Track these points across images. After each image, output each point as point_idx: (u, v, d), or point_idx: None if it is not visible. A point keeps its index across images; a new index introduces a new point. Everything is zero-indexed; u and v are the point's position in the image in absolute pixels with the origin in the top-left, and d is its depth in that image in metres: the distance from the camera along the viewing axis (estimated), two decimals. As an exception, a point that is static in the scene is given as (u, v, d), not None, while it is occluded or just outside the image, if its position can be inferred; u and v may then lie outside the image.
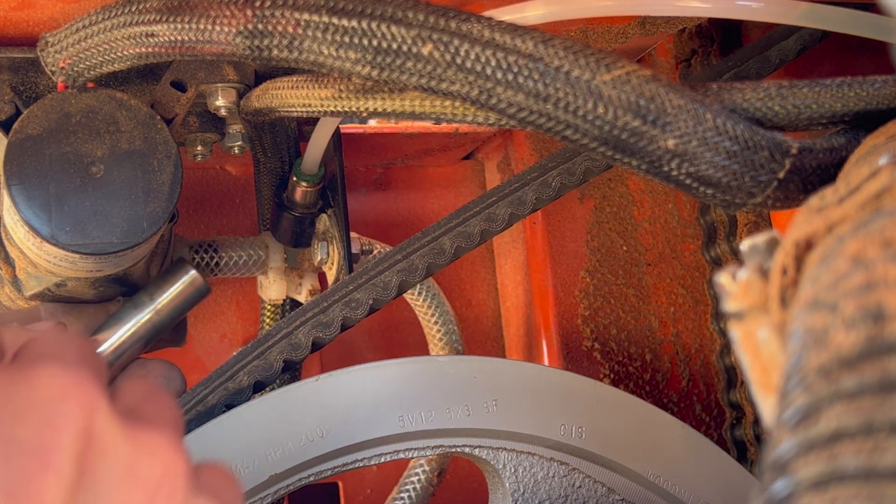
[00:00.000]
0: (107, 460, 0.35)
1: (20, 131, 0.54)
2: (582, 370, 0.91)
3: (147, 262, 0.64)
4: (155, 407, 0.40)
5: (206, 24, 0.46)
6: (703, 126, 0.42)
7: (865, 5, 0.52)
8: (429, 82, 0.44)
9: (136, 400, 0.40)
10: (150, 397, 0.41)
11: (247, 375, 0.58)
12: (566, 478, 0.62)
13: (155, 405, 0.41)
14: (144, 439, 0.36)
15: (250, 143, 0.72)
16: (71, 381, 0.35)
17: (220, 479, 0.41)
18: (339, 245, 0.73)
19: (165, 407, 0.41)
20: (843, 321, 0.27)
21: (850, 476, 0.23)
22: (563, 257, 0.94)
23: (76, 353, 0.38)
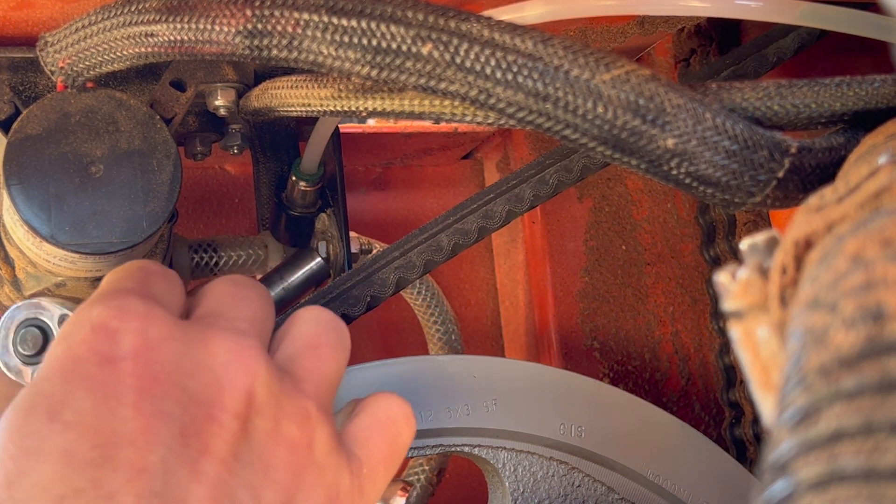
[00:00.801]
0: (261, 418, 0.40)
1: (19, 131, 0.54)
2: (581, 369, 0.91)
3: (146, 262, 0.64)
4: (311, 361, 0.45)
5: (206, 24, 0.46)
6: (702, 125, 0.42)
7: (865, 5, 0.52)
8: (428, 82, 0.44)
9: (297, 350, 0.46)
10: (309, 351, 0.46)
11: (246, 375, 0.58)
12: (566, 477, 0.62)
13: (311, 359, 0.45)
14: (292, 406, 0.42)
15: (250, 142, 0.72)
16: (238, 346, 0.41)
17: (375, 432, 0.46)
18: (339, 244, 0.73)
19: (322, 361, 0.46)
20: (843, 321, 0.27)
21: (849, 476, 0.23)
22: (562, 257, 0.94)
23: (247, 319, 0.44)
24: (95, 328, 0.40)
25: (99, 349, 0.39)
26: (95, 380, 0.38)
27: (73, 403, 0.38)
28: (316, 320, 0.47)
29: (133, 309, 0.41)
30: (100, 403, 0.38)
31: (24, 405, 0.38)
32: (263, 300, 0.47)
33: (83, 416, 0.37)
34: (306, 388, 0.44)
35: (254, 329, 0.44)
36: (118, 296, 0.41)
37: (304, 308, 0.49)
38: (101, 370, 0.39)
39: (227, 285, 0.47)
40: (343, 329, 0.48)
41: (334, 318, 0.48)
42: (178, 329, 0.41)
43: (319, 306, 0.49)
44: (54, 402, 0.38)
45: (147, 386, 0.39)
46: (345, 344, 0.48)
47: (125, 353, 0.39)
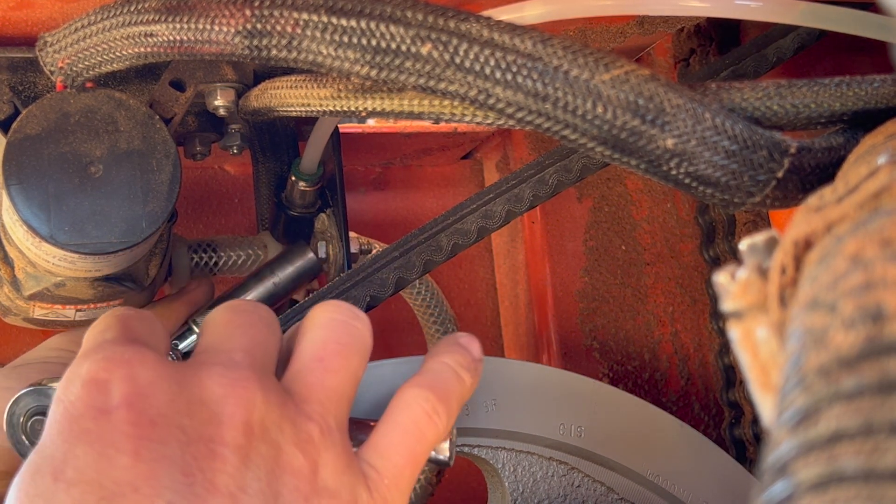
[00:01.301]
0: (265, 446, 0.40)
1: (19, 131, 0.54)
2: (581, 369, 0.91)
3: (146, 262, 0.64)
4: (316, 376, 0.44)
5: (205, 24, 0.46)
6: (701, 125, 0.42)
7: (865, 5, 0.52)
8: (427, 82, 0.44)
9: (302, 364, 0.45)
10: (314, 364, 0.45)
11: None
12: (565, 477, 0.62)
13: (316, 373, 0.44)
14: (293, 431, 0.42)
15: (249, 142, 0.72)
16: (231, 379, 0.41)
17: (395, 438, 0.45)
18: (338, 244, 0.73)
19: (328, 373, 0.45)
20: (843, 321, 0.27)
21: (849, 477, 0.23)
22: (562, 257, 0.94)
23: (242, 349, 0.44)
24: (86, 383, 0.40)
25: (92, 403, 0.39)
26: (93, 434, 0.39)
27: (74, 461, 0.38)
28: (325, 324, 0.46)
29: (119, 357, 0.41)
30: (100, 457, 0.38)
31: (30, 469, 0.39)
32: (263, 323, 0.46)
33: (85, 472, 0.38)
34: (310, 409, 0.43)
35: (249, 358, 0.43)
36: (102, 347, 0.41)
37: (315, 309, 0.47)
38: (96, 423, 0.39)
39: (224, 314, 0.46)
40: (356, 327, 0.46)
41: (345, 318, 0.46)
42: (168, 369, 0.41)
43: (331, 303, 0.47)
44: (56, 462, 0.38)
45: (143, 432, 0.39)
46: (359, 344, 0.46)
47: (118, 402, 0.39)
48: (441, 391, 0.47)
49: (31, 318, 0.65)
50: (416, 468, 0.46)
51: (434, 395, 0.46)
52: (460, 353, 0.50)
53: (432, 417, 0.46)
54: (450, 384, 0.48)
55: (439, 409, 0.46)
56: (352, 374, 0.45)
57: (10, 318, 0.66)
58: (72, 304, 0.63)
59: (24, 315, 0.64)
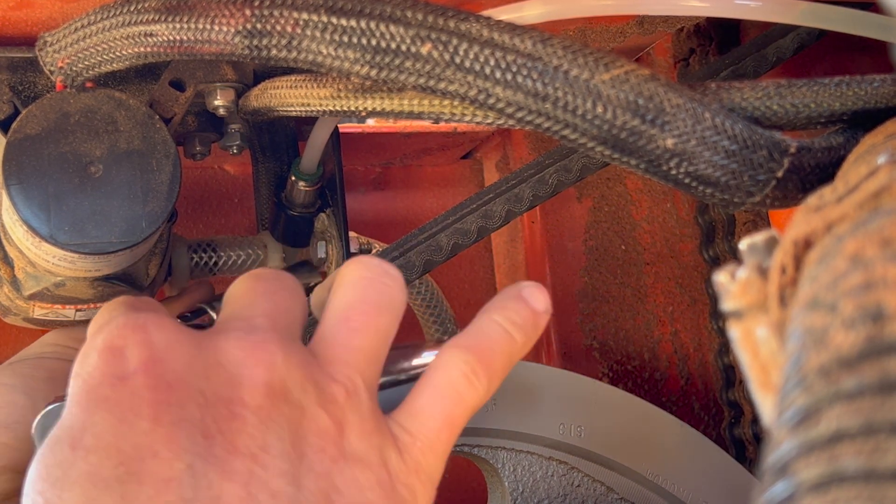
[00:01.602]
0: (287, 406, 0.40)
1: (19, 131, 0.54)
2: (581, 369, 0.91)
3: (146, 262, 0.64)
4: (342, 336, 0.43)
5: (205, 24, 0.46)
6: (701, 125, 0.42)
7: (865, 5, 0.52)
8: (427, 82, 0.44)
9: (329, 326, 0.44)
10: (340, 325, 0.44)
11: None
12: (565, 477, 0.62)
13: (342, 333, 0.43)
14: (316, 392, 0.41)
15: (249, 142, 0.72)
16: (250, 342, 0.41)
17: (430, 401, 0.44)
18: (338, 244, 0.73)
19: (354, 333, 0.43)
20: (843, 321, 0.27)
21: (850, 477, 0.23)
22: (562, 257, 0.94)
23: (264, 314, 0.43)
24: (102, 352, 0.40)
25: (109, 370, 0.39)
26: (111, 401, 0.38)
27: (92, 428, 0.38)
28: (353, 283, 0.44)
29: (133, 323, 0.40)
30: (118, 422, 0.38)
31: (49, 442, 0.38)
32: (286, 290, 0.45)
33: (103, 438, 0.37)
34: (334, 370, 0.42)
35: (270, 322, 0.42)
36: (115, 319, 0.41)
37: (343, 267, 0.45)
38: (114, 390, 0.38)
39: (246, 282, 0.46)
40: (386, 283, 0.45)
41: (373, 276, 0.44)
42: (185, 333, 0.41)
43: (360, 259, 0.45)
44: (75, 431, 0.38)
45: (162, 396, 0.38)
46: (388, 301, 0.44)
47: (135, 367, 0.39)
48: (484, 352, 0.45)
49: (31, 318, 0.65)
50: (453, 433, 0.44)
51: (474, 357, 0.44)
52: (514, 309, 0.47)
53: (471, 380, 0.44)
54: (496, 344, 0.45)
55: (479, 371, 0.44)
56: (381, 334, 0.44)
57: (10, 318, 0.66)
58: (72, 304, 0.63)
59: (23, 315, 0.64)
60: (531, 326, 0.47)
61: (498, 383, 0.45)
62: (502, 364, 0.45)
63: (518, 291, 0.48)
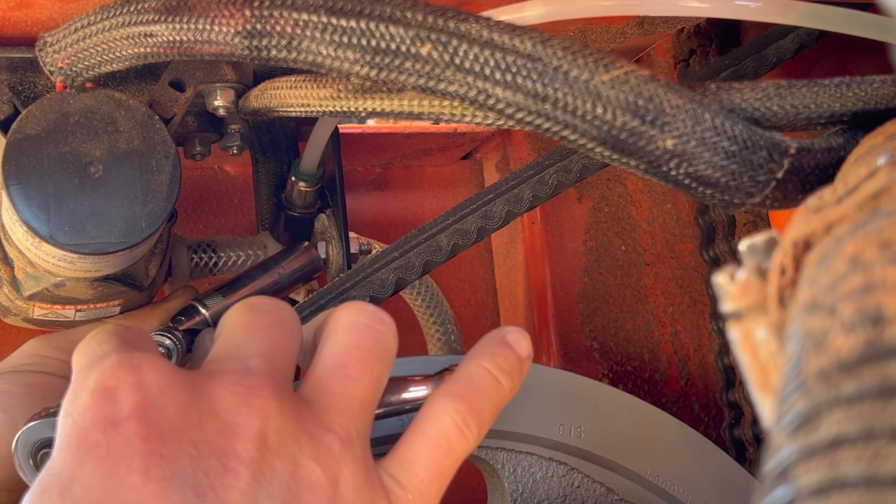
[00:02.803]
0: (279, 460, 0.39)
1: (18, 131, 0.54)
2: (580, 370, 0.91)
3: (146, 262, 0.64)
4: (337, 384, 0.42)
5: (205, 25, 0.46)
6: (701, 126, 0.42)
7: (864, 5, 0.52)
8: (427, 82, 0.44)
9: (324, 371, 0.43)
10: (336, 370, 0.43)
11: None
12: (565, 478, 0.62)
13: (338, 380, 0.43)
14: (311, 444, 0.40)
15: (249, 143, 0.72)
16: (245, 388, 0.39)
17: (422, 450, 0.43)
18: (338, 245, 0.73)
19: (351, 380, 0.43)
20: (842, 324, 0.27)
21: (851, 483, 0.23)
22: (562, 257, 0.94)
23: (260, 354, 0.42)
24: (94, 392, 0.39)
25: (100, 414, 0.38)
26: (101, 448, 0.37)
27: (82, 478, 0.37)
28: (349, 330, 0.44)
29: (126, 363, 0.39)
30: (109, 474, 0.37)
31: (38, 488, 0.37)
32: (284, 326, 0.44)
33: (93, 490, 0.36)
34: (330, 420, 0.41)
35: (266, 363, 0.41)
36: (107, 356, 0.40)
37: (338, 311, 0.45)
38: (105, 436, 0.38)
39: (242, 314, 0.44)
40: (380, 331, 0.44)
41: (369, 323, 0.44)
42: (179, 377, 0.40)
43: (355, 305, 0.45)
44: (64, 479, 0.37)
45: (154, 447, 0.37)
46: (383, 350, 0.44)
47: (128, 413, 0.38)
48: (474, 400, 0.45)
49: (30, 319, 0.65)
50: (443, 482, 0.44)
51: (465, 406, 0.44)
52: (502, 354, 0.47)
53: (462, 430, 0.44)
54: (484, 392, 0.46)
55: (470, 420, 0.44)
56: (375, 382, 0.43)
57: (10, 319, 0.66)
58: (72, 305, 0.63)
59: (23, 315, 0.64)
60: (517, 372, 0.47)
61: (486, 430, 0.45)
62: (491, 411, 0.46)
63: (503, 336, 0.48)
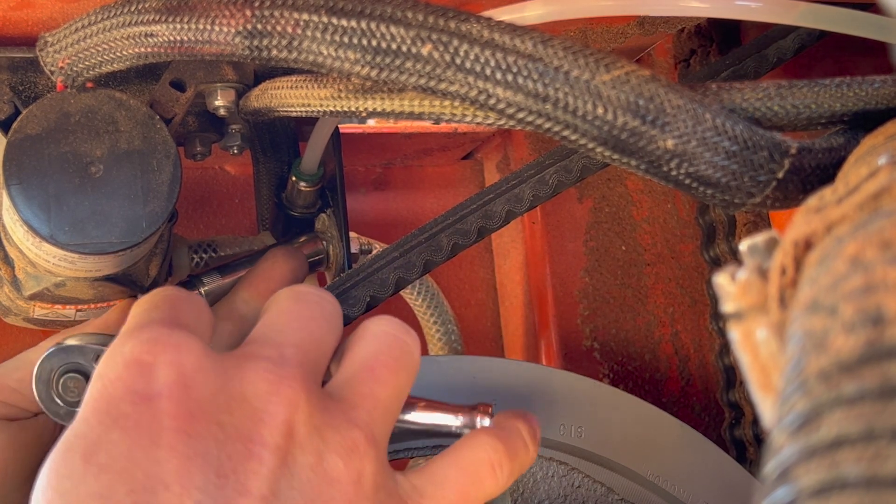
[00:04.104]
0: (302, 451, 0.39)
1: (19, 131, 0.54)
2: (581, 370, 0.91)
3: (147, 262, 0.64)
4: (366, 385, 0.43)
5: (206, 25, 0.46)
6: (702, 126, 0.42)
7: (865, 5, 0.52)
8: (428, 82, 0.44)
9: (353, 372, 0.44)
10: (364, 373, 0.44)
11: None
12: (565, 477, 0.62)
13: (366, 382, 0.43)
14: (337, 438, 0.40)
15: (249, 143, 0.72)
16: (277, 376, 0.40)
17: (452, 472, 0.45)
18: (338, 244, 0.73)
19: (378, 383, 0.43)
20: (843, 324, 0.27)
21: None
22: (562, 257, 0.94)
23: (295, 344, 0.42)
24: (129, 364, 0.39)
25: (133, 386, 0.38)
26: (131, 419, 0.38)
27: (108, 445, 0.37)
28: (378, 336, 0.45)
29: (165, 340, 0.40)
30: (135, 445, 0.37)
31: (62, 447, 0.38)
32: (324, 318, 0.45)
33: (118, 459, 0.37)
34: (357, 417, 0.42)
35: (300, 355, 0.42)
36: (149, 328, 0.40)
37: (369, 321, 0.46)
38: (136, 409, 0.38)
39: (287, 301, 0.45)
40: (408, 344, 0.45)
41: (398, 334, 0.45)
42: (214, 360, 0.40)
43: (384, 317, 0.46)
44: (89, 443, 0.37)
45: (183, 425, 0.38)
46: (408, 361, 0.45)
47: (161, 390, 0.38)
48: (511, 449, 0.47)
49: (31, 319, 0.65)
50: None
51: (504, 449, 0.46)
52: (531, 427, 0.50)
53: (495, 469, 0.46)
54: (519, 447, 0.48)
55: (504, 463, 0.46)
56: (399, 390, 0.44)
57: (11, 319, 0.66)
58: (72, 305, 0.63)
59: (24, 315, 0.64)
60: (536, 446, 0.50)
61: (511, 482, 0.48)
62: (519, 467, 0.48)
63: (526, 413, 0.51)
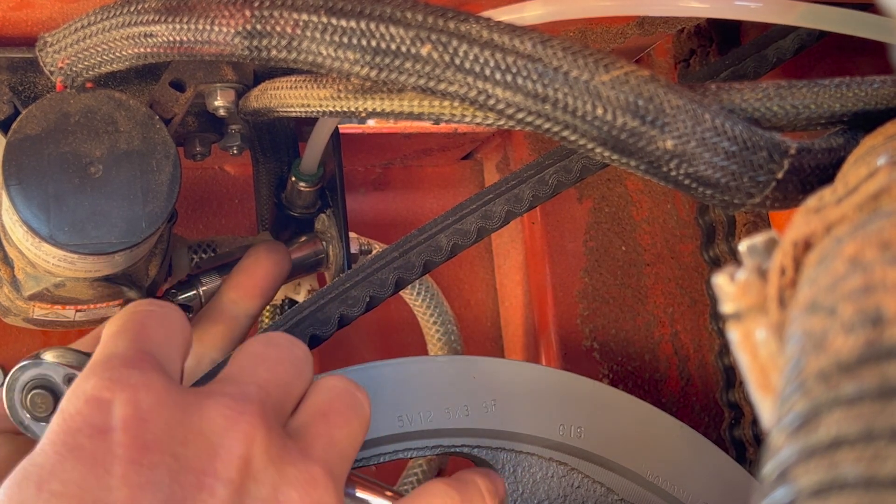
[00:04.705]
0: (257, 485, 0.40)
1: (19, 131, 0.54)
2: (581, 370, 0.91)
3: (146, 262, 0.64)
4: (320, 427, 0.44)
5: (205, 25, 0.46)
6: (701, 126, 0.42)
7: (864, 5, 0.52)
8: (427, 83, 0.44)
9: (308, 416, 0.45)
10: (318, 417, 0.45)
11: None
12: (565, 478, 0.62)
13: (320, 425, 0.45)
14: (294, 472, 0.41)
15: (249, 143, 0.72)
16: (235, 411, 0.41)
17: None
18: (338, 245, 0.73)
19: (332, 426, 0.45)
20: (842, 325, 0.27)
21: (850, 484, 0.23)
22: (562, 257, 0.94)
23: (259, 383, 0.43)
24: (89, 400, 0.40)
25: (90, 420, 0.39)
26: (85, 450, 0.39)
27: (62, 474, 0.38)
28: (330, 389, 0.47)
29: (125, 379, 0.40)
30: (87, 474, 0.38)
31: (18, 476, 0.39)
32: (291, 362, 0.46)
33: (70, 486, 0.38)
34: (314, 453, 0.43)
35: (262, 394, 0.43)
36: (111, 364, 0.41)
37: (321, 378, 0.48)
38: (91, 441, 0.39)
39: (256, 346, 0.46)
40: (358, 398, 0.47)
41: (349, 388, 0.47)
42: (174, 395, 0.41)
43: (339, 376, 0.48)
44: (44, 472, 0.38)
45: (136, 456, 0.38)
46: (359, 411, 0.46)
47: (116, 423, 0.39)
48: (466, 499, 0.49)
49: (31, 319, 0.65)
50: None
51: (459, 498, 0.48)
52: (491, 483, 0.52)
53: None
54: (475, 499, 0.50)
55: None
56: (353, 436, 0.46)
57: (10, 319, 0.66)
58: (72, 305, 0.63)
59: (23, 315, 0.64)
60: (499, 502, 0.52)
61: None
62: None
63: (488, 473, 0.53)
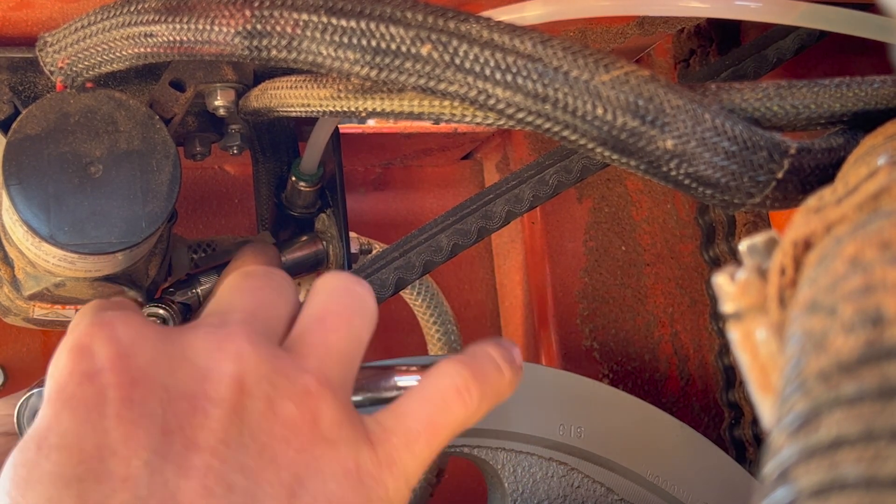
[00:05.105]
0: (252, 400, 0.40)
1: (19, 131, 0.54)
2: (581, 370, 0.91)
3: (146, 262, 0.64)
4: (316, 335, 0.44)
5: (205, 25, 0.46)
6: (701, 126, 0.42)
7: (865, 5, 0.52)
8: (427, 82, 0.44)
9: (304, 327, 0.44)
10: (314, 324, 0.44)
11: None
12: (565, 478, 0.62)
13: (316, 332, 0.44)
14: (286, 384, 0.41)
15: (249, 143, 0.72)
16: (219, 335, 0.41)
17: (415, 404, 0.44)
18: (338, 245, 0.73)
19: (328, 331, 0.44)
20: (842, 325, 0.27)
21: (851, 485, 0.23)
22: (562, 257, 0.94)
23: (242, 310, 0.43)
24: (71, 350, 0.40)
25: (77, 368, 0.39)
26: (77, 399, 0.39)
27: (58, 427, 0.38)
28: (327, 290, 0.45)
29: (100, 319, 0.41)
30: (83, 421, 0.38)
31: (20, 444, 0.39)
32: (272, 287, 0.46)
33: (67, 437, 0.38)
34: (307, 364, 0.42)
35: (245, 315, 0.43)
36: (86, 316, 0.42)
37: (319, 279, 0.46)
38: (81, 388, 0.39)
39: (234, 279, 0.46)
40: (359, 293, 0.45)
41: (347, 284, 0.46)
42: (152, 329, 0.41)
43: (335, 273, 0.47)
44: (41, 430, 0.38)
45: (126, 393, 0.38)
46: (361, 306, 0.45)
47: (102, 365, 0.39)
48: (479, 372, 0.46)
49: (31, 319, 0.65)
50: (435, 438, 0.44)
51: (469, 373, 0.45)
52: (504, 350, 0.48)
53: (462, 393, 0.45)
54: (488, 370, 0.46)
55: (472, 387, 0.45)
56: (354, 335, 0.45)
57: (11, 319, 0.66)
58: (72, 305, 0.63)
59: (24, 315, 0.64)
60: (515, 370, 0.48)
61: (486, 409, 0.46)
62: (493, 391, 0.46)
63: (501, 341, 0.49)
